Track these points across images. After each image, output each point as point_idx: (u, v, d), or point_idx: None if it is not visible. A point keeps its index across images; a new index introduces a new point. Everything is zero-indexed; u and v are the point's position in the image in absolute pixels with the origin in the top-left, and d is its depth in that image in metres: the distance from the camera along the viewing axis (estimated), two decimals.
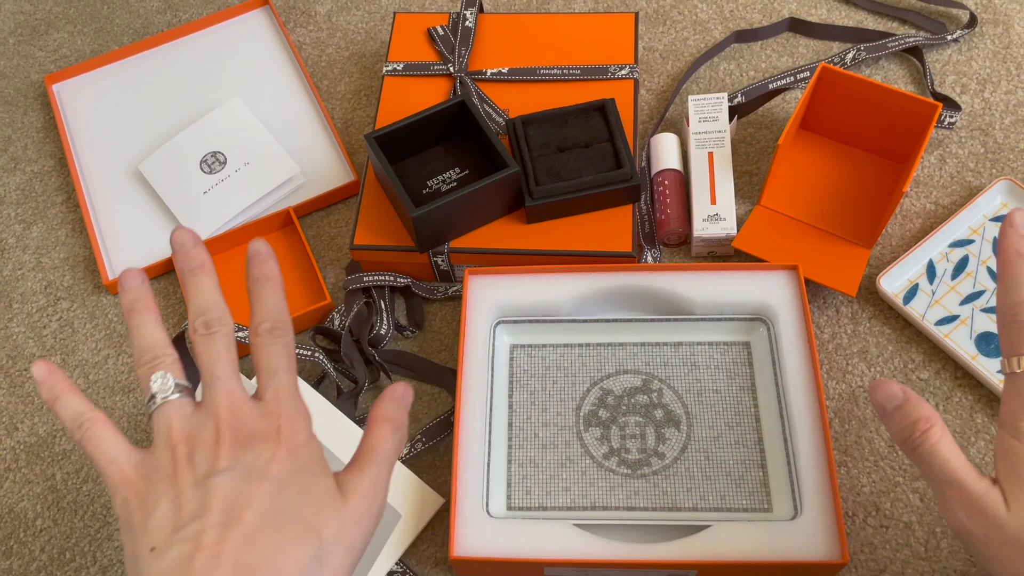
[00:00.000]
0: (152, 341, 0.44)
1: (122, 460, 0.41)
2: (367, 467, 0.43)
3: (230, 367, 0.43)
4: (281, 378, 0.43)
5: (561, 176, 0.70)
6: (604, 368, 0.65)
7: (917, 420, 0.45)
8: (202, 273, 0.45)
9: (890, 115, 0.70)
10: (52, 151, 0.86)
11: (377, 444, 0.44)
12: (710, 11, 0.87)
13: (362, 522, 0.42)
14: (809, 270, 0.68)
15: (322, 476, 0.41)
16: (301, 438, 0.42)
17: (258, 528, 0.38)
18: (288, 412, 0.42)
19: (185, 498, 0.39)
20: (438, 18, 0.82)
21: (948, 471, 0.43)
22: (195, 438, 0.41)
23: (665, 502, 0.60)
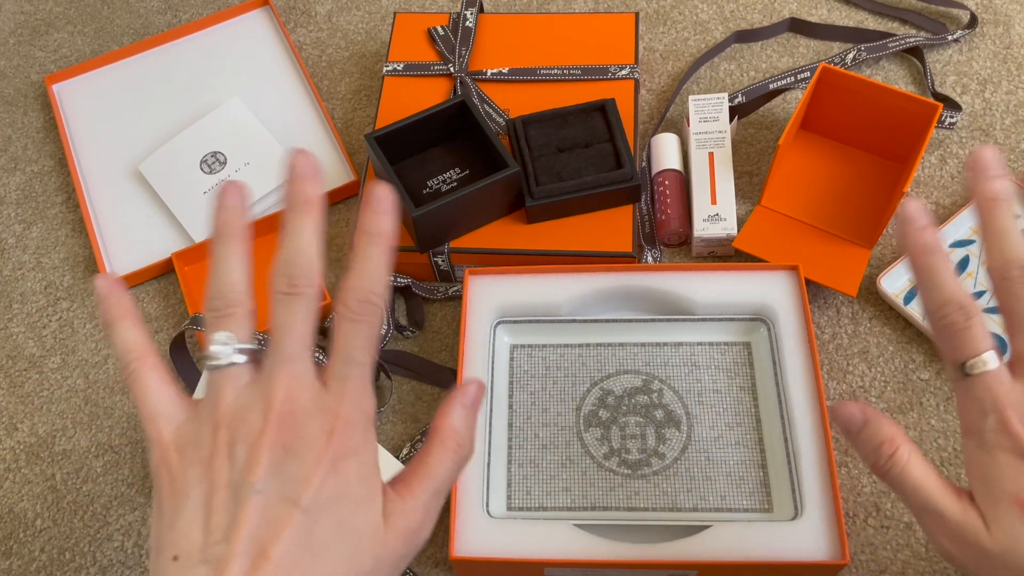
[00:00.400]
0: (227, 283, 0.38)
1: (163, 419, 0.37)
2: (421, 495, 0.37)
3: (302, 342, 0.37)
4: (354, 368, 0.37)
5: (561, 176, 0.70)
6: (604, 368, 0.65)
7: (881, 444, 0.41)
8: (308, 212, 0.38)
9: (891, 115, 0.70)
10: (52, 151, 0.86)
11: (438, 468, 0.38)
12: (710, 11, 0.87)
13: (399, 561, 0.37)
14: (810, 270, 0.68)
15: (365, 505, 0.36)
16: (354, 444, 0.36)
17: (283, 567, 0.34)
18: (348, 411, 0.36)
19: (217, 501, 0.35)
20: (438, 18, 0.82)
21: (922, 497, 0.40)
22: (240, 422, 0.36)
23: (665, 502, 0.60)
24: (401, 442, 0.67)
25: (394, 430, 0.68)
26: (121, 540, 0.65)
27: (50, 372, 0.73)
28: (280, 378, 0.36)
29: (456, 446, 0.39)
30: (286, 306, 0.37)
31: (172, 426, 0.37)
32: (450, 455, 0.39)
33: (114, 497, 0.67)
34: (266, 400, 0.36)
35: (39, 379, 0.73)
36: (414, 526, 0.37)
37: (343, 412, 0.36)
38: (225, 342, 0.37)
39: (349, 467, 0.36)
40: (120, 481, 0.68)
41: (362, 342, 0.37)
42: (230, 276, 0.39)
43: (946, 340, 0.40)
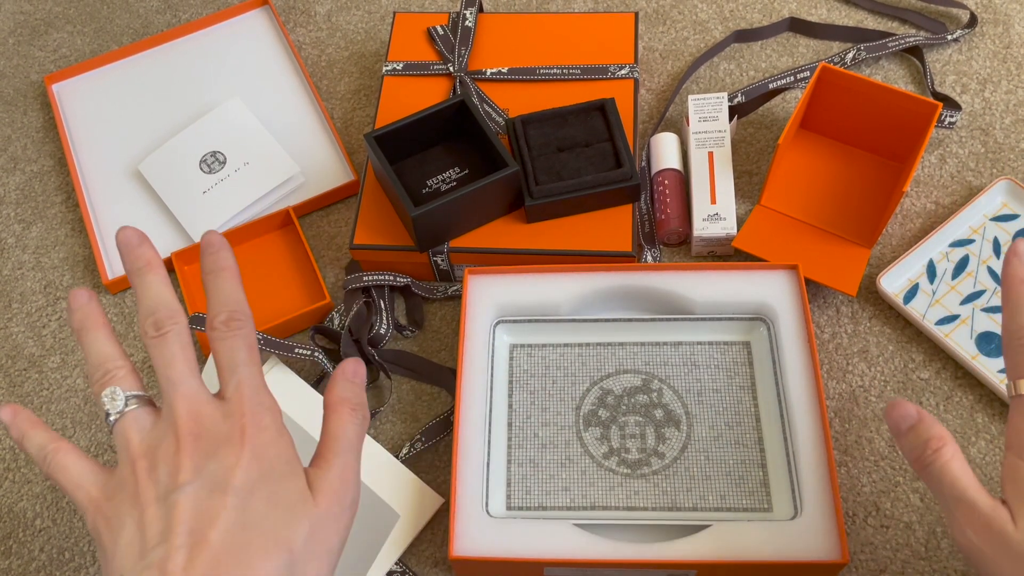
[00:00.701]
0: (102, 356, 0.42)
1: (88, 482, 0.40)
2: (332, 459, 0.41)
3: (187, 368, 0.41)
4: (242, 373, 0.41)
5: (561, 176, 0.70)
6: (604, 368, 0.65)
7: (929, 439, 0.45)
8: (148, 271, 0.43)
9: (890, 115, 0.70)
10: (52, 151, 0.86)
11: (338, 432, 0.42)
12: (710, 11, 0.87)
13: (336, 520, 0.40)
14: (809, 270, 0.68)
15: (291, 477, 0.40)
16: (268, 436, 0.40)
17: (224, 548, 0.36)
18: (252, 409, 0.40)
19: (149, 517, 0.37)
20: (438, 18, 0.82)
21: (958, 489, 0.44)
22: (155, 450, 0.39)
23: (665, 502, 0.60)
24: (401, 441, 0.67)
25: (393, 429, 0.68)
26: None
27: (50, 372, 0.73)
28: (178, 401, 0.40)
29: (349, 410, 0.43)
30: (160, 346, 0.41)
31: (97, 485, 0.40)
32: (345, 418, 0.43)
33: None
34: (173, 424, 0.39)
35: (39, 379, 0.73)
36: (337, 486, 0.41)
37: (247, 411, 0.40)
38: (113, 395, 0.41)
39: (268, 451, 0.39)
40: None
41: (241, 352, 0.41)
42: (100, 350, 0.42)
43: (1015, 358, 0.46)
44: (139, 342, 0.74)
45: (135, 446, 0.39)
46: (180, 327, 0.41)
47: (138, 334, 0.74)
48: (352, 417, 0.43)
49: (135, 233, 0.43)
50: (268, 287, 0.75)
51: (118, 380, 0.41)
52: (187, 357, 0.41)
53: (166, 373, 0.40)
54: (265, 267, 0.76)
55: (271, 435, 0.40)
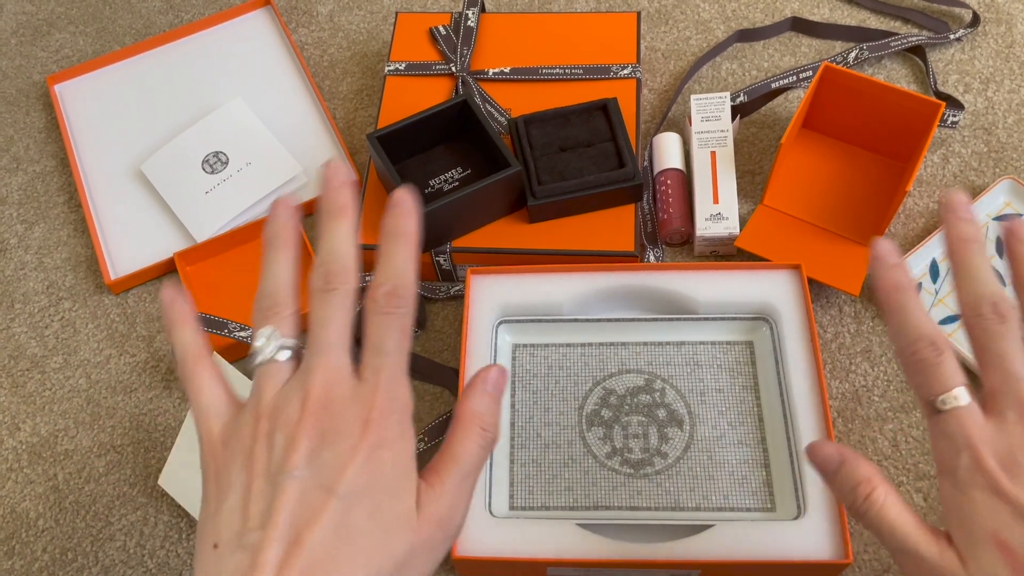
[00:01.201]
0: (274, 286, 0.40)
1: (213, 415, 0.39)
2: (449, 481, 0.38)
3: (339, 336, 0.38)
4: (386, 357, 0.38)
5: (563, 175, 0.70)
6: (607, 368, 0.65)
7: (857, 484, 0.41)
8: (340, 216, 0.40)
9: (893, 114, 0.70)
10: (54, 151, 0.86)
11: (463, 451, 0.39)
12: (712, 10, 0.87)
13: (433, 550, 0.37)
14: (812, 269, 0.67)
15: (400, 494, 0.37)
16: (388, 436, 0.37)
17: (318, 555, 0.34)
18: (383, 402, 0.37)
19: (255, 491, 0.36)
20: (440, 18, 0.82)
21: (898, 538, 0.40)
22: (279, 413, 0.37)
23: (668, 502, 0.60)
24: None
25: None
26: (123, 540, 0.65)
27: (52, 372, 0.73)
28: (317, 369, 0.37)
29: (480, 429, 0.39)
30: (322, 302, 0.38)
31: (221, 421, 0.39)
32: (474, 439, 0.39)
33: (116, 497, 0.67)
34: (304, 391, 0.37)
35: (41, 379, 0.73)
36: (444, 512, 0.38)
37: (378, 402, 0.37)
38: (268, 337, 0.38)
39: (384, 456, 0.36)
40: (122, 481, 0.68)
41: (393, 334, 0.38)
42: (277, 278, 0.40)
43: (917, 376, 0.40)
44: (139, 342, 0.74)
45: (265, 400, 0.38)
46: (348, 288, 0.39)
47: (140, 334, 0.74)
48: (481, 438, 0.39)
49: (340, 172, 0.41)
50: None
51: (280, 320, 0.39)
52: (343, 324, 0.38)
53: (317, 333, 0.38)
54: None
55: (392, 435, 0.37)
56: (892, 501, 0.40)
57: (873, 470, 0.41)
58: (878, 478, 0.41)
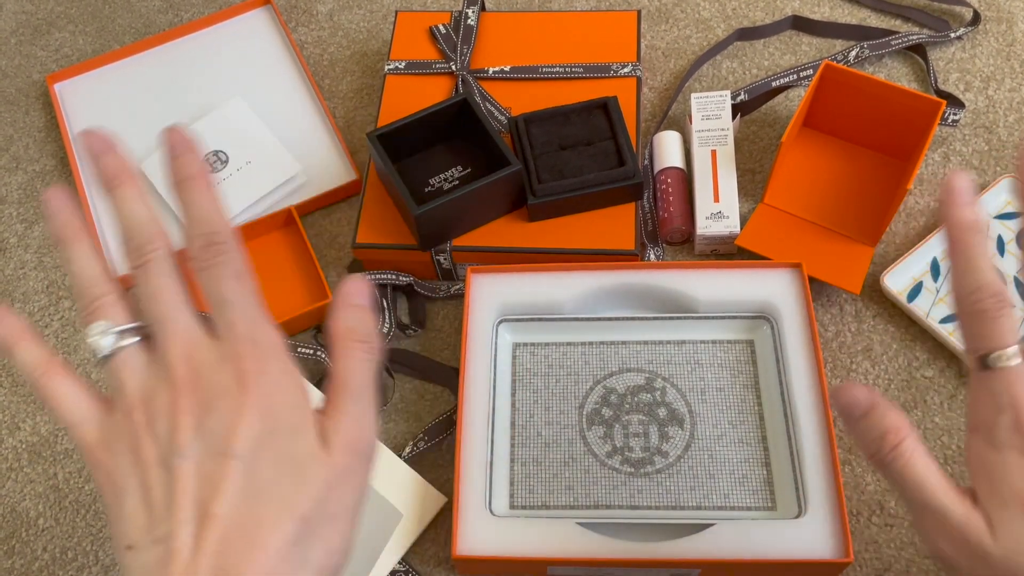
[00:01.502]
0: (85, 279, 0.37)
1: (84, 423, 0.37)
2: (345, 406, 0.36)
3: (174, 301, 0.36)
4: (232, 307, 0.36)
5: (563, 174, 0.70)
6: (607, 366, 0.65)
7: (885, 432, 0.39)
8: (121, 185, 0.38)
9: (894, 113, 0.70)
10: (53, 151, 0.86)
11: (347, 370, 0.37)
12: (713, 9, 0.87)
13: (353, 474, 0.36)
14: (813, 268, 0.67)
15: (300, 430, 0.35)
16: (270, 380, 0.35)
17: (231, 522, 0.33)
18: (250, 349, 0.35)
19: (152, 481, 0.34)
20: (440, 16, 0.82)
21: (924, 494, 0.38)
22: (151, 399, 0.35)
23: (668, 501, 0.60)
24: (404, 440, 0.67)
25: (397, 428, 0.68)
26: None
27: None
28: (170, 342, 0.36)
29: (359, 344, 0.37)
30: (143, 276, 0.37)
31: (94, 426, 0.37)
32: (356, 355, 0.37)
33: None
34: (167, 368, 0.35)
35: None
36: (352, 437, 0.36)
37: (243, 351, 0.35)
38: (103, 331, 0.37)
39: (272, 402, 0.35)
40: None
41: (228, 282, 0.36)
42: (84, 271, 0.38)
43: (973, 327, 0.39)
44: None
45: (130, 392, 0.36)
46: (163, 252, 0.37)
47: None
48: (362, 352, 0.37)
49: (99, 139, 0.38)
50: (270, 286, 0.75)
51: (106, 311, 0.37)
52: (174, 288, 0.37)
53: (152, 309, 0.36)
54: (267, 266, 0.76)
55: (274, 378, 0.35)
56: (920, 454, 0.39)
57: (903, 420, 0.39)
58: (907, 429, 0.39)
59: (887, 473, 0.40)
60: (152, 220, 0.38)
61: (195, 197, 0.37)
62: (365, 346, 0.38)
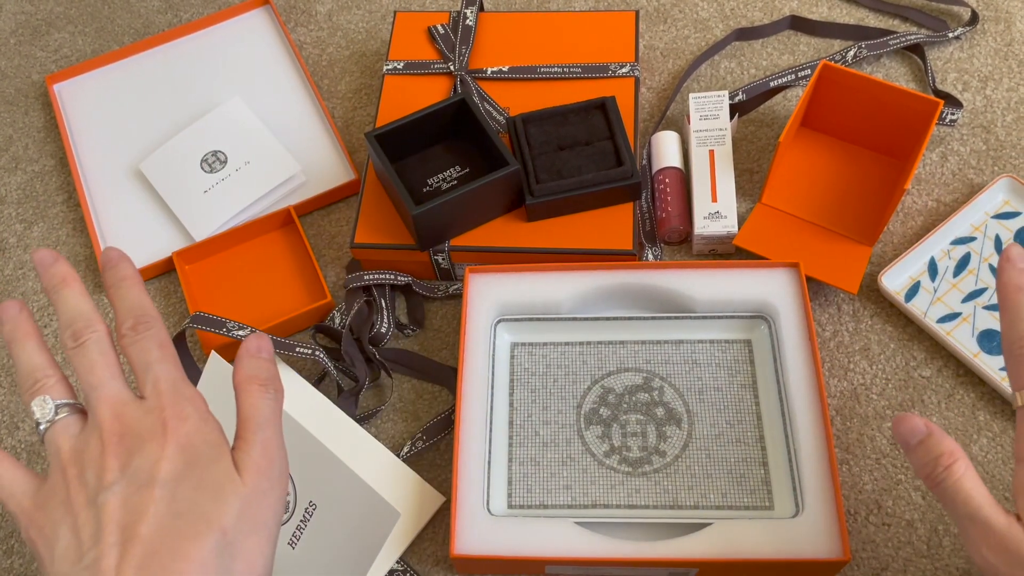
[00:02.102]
0: (31, 366, 0.43)
1: (19, 491, 0.41)
2: (251, 437, 0.42)
3: (108, 372, 0.42)
4: (157, 369, 0.41)
5: (562, 174, 0.70)
6: (605, 366, 0.65)
7: (940, 455, 0.44)
8: (63, 287, 0.44)
9: (892, 112, 0.70)
10: (53, 151, 0.86)
11: (252, 410, 0.43)
12: (711, 9, 0.87)
13: (265, 495, 0.41)
14: (810, 268, 0.67)
15: (216, 460, 0.40)
16: (191, 425, 0.40)
17: (155, 539, 0.37)
18: (171, 402, 0.41)
19: (81, 521, 0.38)
20: (438, 17, 0.82)
21: (971, 507, 0.43)
22: (82, 455, 0.40)
23: (666, 500, 0.60)
24: (402, 440, 0.67)
25: (395, 428, 0.68)
26: None
27: None
28: (101, 404, 0.40)
29: (259, 386, 0.43)
30: (80, 355, 0.42)
31: (29, 495, 0.41)
32: (256, 394, 0.43)
33: None
34: (98, 427, 0.40)
35: None
36: (260, 462, 0.41)
37: (167, 404, 0.40)
38: (42, 403, 0.41)
39: (192, 439, 0.40)
40: None
41: (153, 351, 0.42)
42: (30, 361, 0.43)
43: (1017, 368, 0.45)
44: None
45: (65, 453, 0.40)
46: (99, 335, 0.42)
47: None
48: (263, 393, 0.43)
49: (48, 254, 0.44)
50: (269, 286, 0.75)
51: (48, 389, 0.42)
52: (108, 363, 0.42)
53: (88, 379, 0.41)
54: (266, 266, 0.76)
55: (194, 423, 0.41)
56: (971, 475, 0.44)
57: (956, 446, 0.45)
58: (959, 453, 0.44)
59: (940, 490, 0.44)
60: (92, 311, 0.43)
61: (125, 293, 0.44)
62: (266, 387, 0.43)
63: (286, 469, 0.43)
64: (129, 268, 0.44)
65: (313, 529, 0.59)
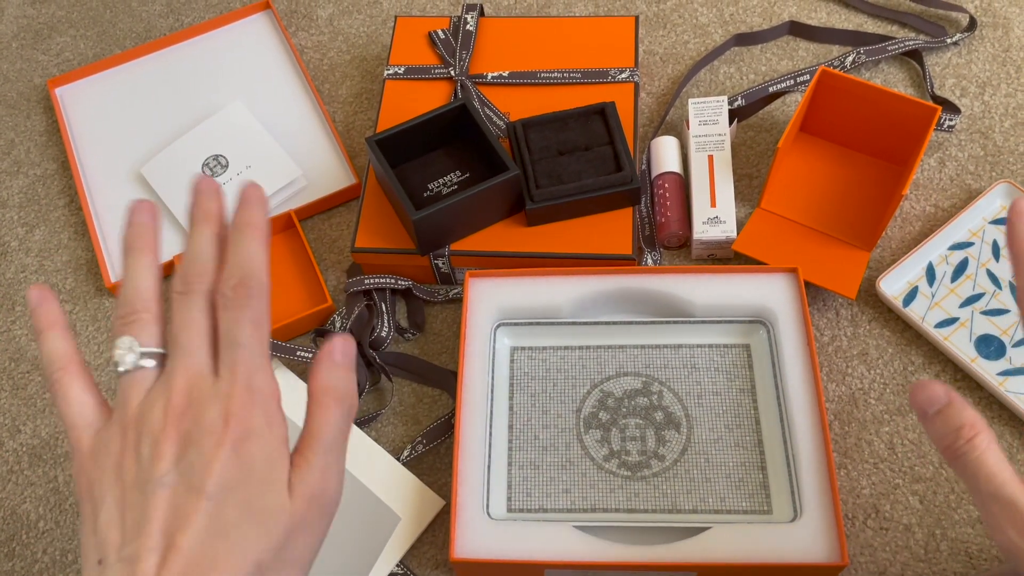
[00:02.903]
0: (133, 292, 0.39)
1: (82, 426, 0.39)
2: (314, 459, 0.38)
3: (200, 337, 0.38)
4: (241, 352, 0.38)
5: (561, 179, 0.70)
6: (604, 370, 0.66)
7: (961, 427, 0.41)
8: (203, 223, 0.40)
9: (890, 118, 0.70)
10: (55, 154, 0.86)
11: (322, 427, 0.39)
12: (710, 15, 0.88)
13: (311, 527, 0.38)
14: (809, 273, 0.68)
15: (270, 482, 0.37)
16: (252, 427, 0.37)
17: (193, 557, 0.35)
18: (241, 394, 0.37)
19: (128, 502, 0.36)
20: (439, 22, 0.82)
21: (995, 484, 0.40)
22: (144, 421, 0.37)
23: (665, 504, 0.60)
24: (402, 444, 0.67)
25: (395, 432, 0.68)
26: None
27: None
28: (178, 373, 0.38)
29: (335, 401, 0.39)
30: (181, 304, 0.39)
31: (90, 433, 0.39)
32: (331, 411, 0.39)
33: None
34: (166, 396, 0.37)
35: (42, 381, 0.73)
36: (316, 490, 0.38)
37: (236, 394, 0.37)
38: (129, 347, 0.38)
39: (251, 448, 0.37)
40: None
41: (245, 326, 0.38)
42: (137, 283, 0.40)
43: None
44: None
45: (131, 410, 0.38)
46: (204, 288, 0.39)
47: None
48: (338, 409, 0.39)
49: (209, 183, 0.41)
50: (270, 290, 0.75)
51: (140, 328, 0.39)
52: (204, 325, 0.38)
53: (177, 336, 0.38)
54: None
55: (257, 425, 0.37)
56: (994, 449, 0.41)
57: (979, 417, 0.41)
58: (982, 425, 0.41)
59: (960, 463, 0.41)
60: (213, 257, 0.40)
61: (246, 240, 0.39)
62: (342, 403, 0.39)
63: (338, 501, 0.39)
64: (262, 216, 0.40)
65: None
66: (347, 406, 0.40)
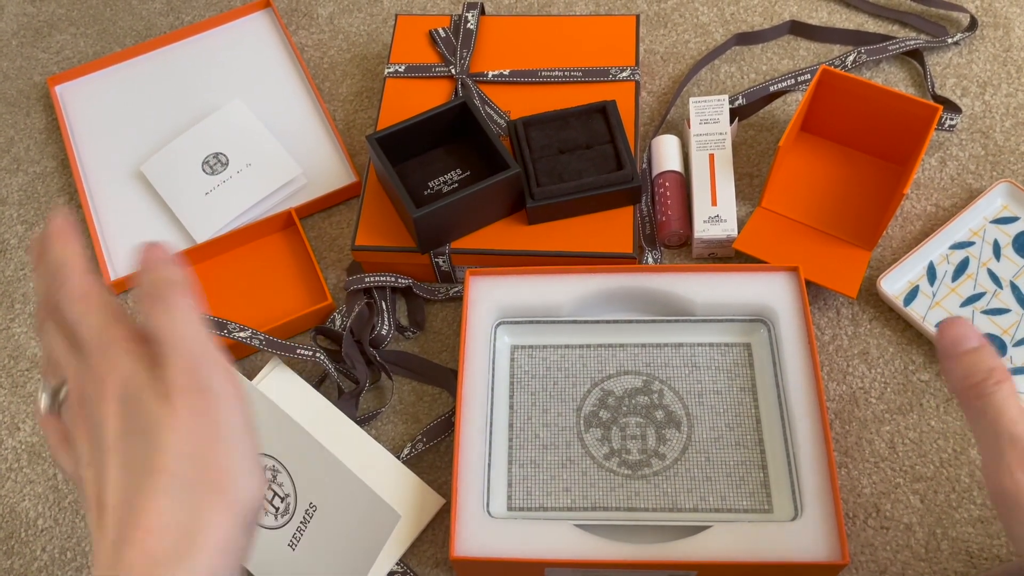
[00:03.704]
0: None
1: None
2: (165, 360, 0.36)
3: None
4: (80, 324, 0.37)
5: (562, 177, 0.70)
6: (605, 369, 0.66)
7: (993, 368, 0.41)
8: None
9: (891, 117, 0.70)
10: (54, 152, 0.86)
11: (158, 331, 0.36)
12: (711, 14, 0.88)
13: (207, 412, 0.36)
14: (810, 272, 0.68)
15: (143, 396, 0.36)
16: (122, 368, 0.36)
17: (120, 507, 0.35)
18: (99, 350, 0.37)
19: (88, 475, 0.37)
20: (440, 20, 0.82)
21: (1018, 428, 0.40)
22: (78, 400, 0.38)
23: (665, 503, 0.60)
24: (402, 442, 0.67)
25: (395, 430, 0.68)
26: None
27: None
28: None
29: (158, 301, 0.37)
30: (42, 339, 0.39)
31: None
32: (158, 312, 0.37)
33: None
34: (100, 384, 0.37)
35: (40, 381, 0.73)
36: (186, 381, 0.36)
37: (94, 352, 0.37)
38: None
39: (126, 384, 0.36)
40: None
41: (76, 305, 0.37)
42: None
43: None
44: None
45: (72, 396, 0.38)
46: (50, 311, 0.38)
47: None
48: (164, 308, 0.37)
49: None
50: (270, 288, 0.75)
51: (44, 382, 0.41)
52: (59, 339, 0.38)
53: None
54: (267, 268, 0.76)
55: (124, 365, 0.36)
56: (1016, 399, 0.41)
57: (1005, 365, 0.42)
58: (1010, 376, 0.42)
59: (983, 404, 0.41)
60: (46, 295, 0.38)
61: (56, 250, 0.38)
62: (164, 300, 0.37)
63: (231, 378, 0.36)
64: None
65: (313, 531, 0.60)
66: (172, 298, 0.37)
